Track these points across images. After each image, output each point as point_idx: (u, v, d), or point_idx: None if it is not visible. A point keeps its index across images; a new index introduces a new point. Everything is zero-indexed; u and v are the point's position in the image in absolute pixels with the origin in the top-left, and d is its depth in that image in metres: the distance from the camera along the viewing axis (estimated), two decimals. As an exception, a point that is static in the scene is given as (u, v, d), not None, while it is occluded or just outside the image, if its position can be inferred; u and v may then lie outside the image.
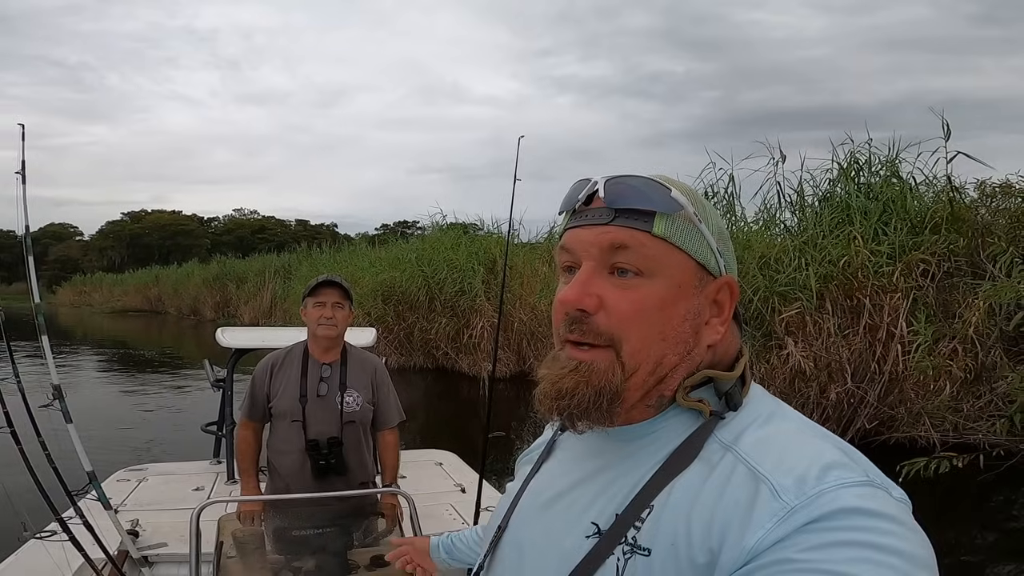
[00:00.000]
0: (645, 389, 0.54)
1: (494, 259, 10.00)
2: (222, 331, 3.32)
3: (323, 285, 2.07)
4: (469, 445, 6.56)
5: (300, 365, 2.08)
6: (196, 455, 3.62)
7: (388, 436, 2.20)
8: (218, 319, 21.02)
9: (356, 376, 2.12)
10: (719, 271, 0.54)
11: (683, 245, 0.53)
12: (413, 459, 3.27)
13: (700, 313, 0.54)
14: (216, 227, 60.90)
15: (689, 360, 0.54)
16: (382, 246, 14.41)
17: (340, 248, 17.80)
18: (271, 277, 19.09)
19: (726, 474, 0.48)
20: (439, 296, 9.81)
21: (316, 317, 2.05)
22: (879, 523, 0.43)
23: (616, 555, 0.50)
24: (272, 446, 2.10)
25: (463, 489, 2.89)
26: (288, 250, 22.51)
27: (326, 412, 2.05)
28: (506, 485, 0.69)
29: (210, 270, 25.08)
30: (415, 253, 10.86)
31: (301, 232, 52.51)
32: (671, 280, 0.52)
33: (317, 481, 2.01)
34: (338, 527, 1.92)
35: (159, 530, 2.28)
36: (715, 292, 0.54)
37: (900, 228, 5.45)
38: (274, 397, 2.08)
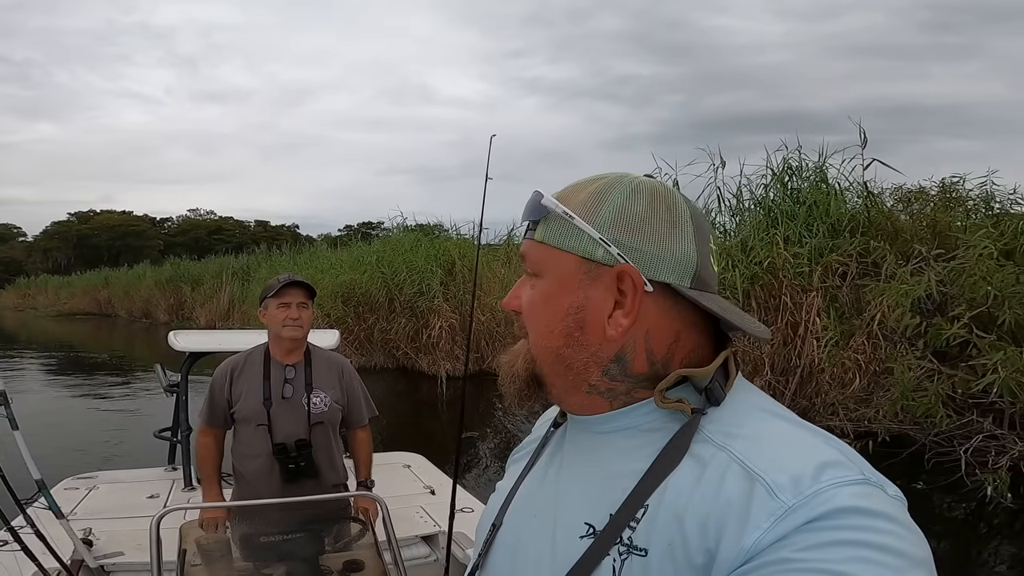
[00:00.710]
0: (563, 378, 0.56)
1: (453, 261, 10.15)
2: (175, 334, 3.20)
3: (288, 286, 2.03)
4: (432, 443, 6.79)
5: (262, 368, 2.04)
6: (149, 462, 3.54)
7: (360, 433, 2.19)
8: (172, 322, 20.47)
9: (322, 376, 2.08)
10: (613, 259, 0.53)
11: (558, 244, 0.54)
12: (380, 462, 3.30)
13: (586, 307, 0.54)
14: (169, 228, 58.96)
15: (591, 354, 0.54)
16: (344, 247, 14.44)
17: (301, 250, 17.68)
18: (228, 279, 18.76)
19: (720, 473, 0.48)
20: (398, 297, 9.87)
21: (281, 319, 2.01)
22: (877, 522, 0.43)
23: (612, 556, 0.50)
24: (237, 452, 2.06)
25: (433, 491, 2.88)
26: (247, 252, 22.14)
27: (292, 414, 2.01)
28: (496, 484, 0.69)
29: (163, 272, 24.35)
30: (375, 255, 10.87)
31: (261, 233, 51.37)
32: (553, 277, 0.55)
33: (287, 485, 1.97)
34: (309, 532, 1.87)
35: (114, 539, 2.22)
36: (615, 282, 0.53)
37: (821, 231, 5.97)
38: (236, 402, 2.03)
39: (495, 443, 6.77)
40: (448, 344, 9.49)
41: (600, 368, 0.54)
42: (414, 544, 2.34)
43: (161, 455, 3.46)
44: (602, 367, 0.54)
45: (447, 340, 9.45)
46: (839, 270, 5.63)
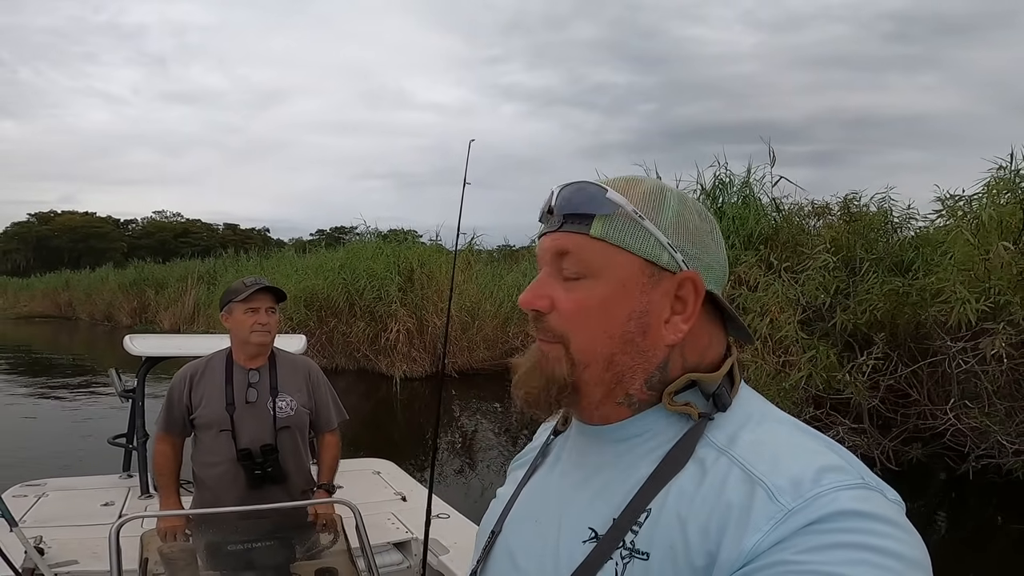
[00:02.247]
0: (606, 386, 0.55)
1: (412, 268, 10.68)
2: (131, 338, 3.08)
3: (259, 291, 1.98)
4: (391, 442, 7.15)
5: (224, 373, 1.98)
6: (103, 469, 3.43)
7: (329, 437, 2.11)
8: (135, 325, 20.25)
9: (288, 380, 2.02)
10: (676, 266, 0.53)
11: (623, 243, 0.53)
12: (350, 468, 3.18)
13: (649, 311, 0.53)
14: (134, 230, 57.63)
15: (645, 360, 0.54)
16: (312, 252, 14.75)
17: (269, 254, 17.85)
18: (194, 283, 18.80)
19: (721, 477, 0.48)
20: (359, 302, 10.21)
21: (250, 324, 1.95)
22: (875, 525, 0.43)
23: (614, 560, 0.50)
24: (198, 459, 1.99)
25: (404, 498, 2.83)
26: (214, 255, 22.12)
27: (257, 419, 1.95)
28: (497, 491, 0.69)
29: (126, 275, 24.07)
30: (339, 262, 11.21)
31: (230, 236, 50.65)
32: (613, 279, 0.53)
33: (252, 491, 1.90)
34: (278, 539, 1.82)
35: (67, 547, 2.12)
36: (675, 288, 0.53)
37: (737, 243, 6.65)
38: (196, 408, 1.96)
39: (460, 446, 6.99)
40: (405, 347, 9.95)
41: (646, 376, 0.54)
42: (386, 551, 2.31)
43: (116, 462, 3.35)
44: (647, 374, 0.54)
45: (404, 343, 9.91)
46: (748, 280, 6.32)
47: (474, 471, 6.03)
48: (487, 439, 7.22)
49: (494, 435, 7.46)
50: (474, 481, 5.77)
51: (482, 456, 6.56)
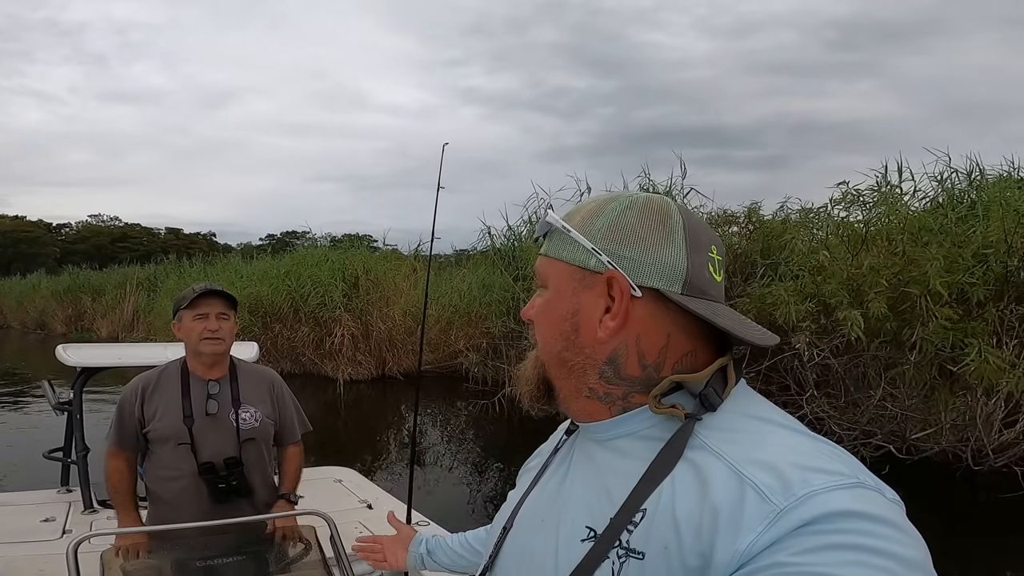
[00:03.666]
0: (564, 381, 0.60)
1: (357, 275, 10.91)
2: (64, 348, 2.89)
3: (204, 295, 1.85)
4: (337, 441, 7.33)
5: (180, 384, 1.86)
6: (36, 484, 3.24)
7: (292, 448, 2.04)
8: (70, 333, 19.48)
9: (251, 390, 1.92)
10: (603, 267, 0.56)
11: (557, 255, 0.59)
12: (311, 477, 3.10)
13: (580, 311, 0.57)
14: (67, 234, 54.76)
15: (587, 356, 0.57)
16: (259, 259, 14.70)
17: (213, 261, 17.60)
18: (133, 290, 18.29)
19: (711, 477, 0.48)
20: (303, 308, 10.37)
21: (199, 332, 1.82)
22: (871, 526, 0.43)
23: (611, 559, 0.50)
24: (153, 473, 1.87)
25: (369, 505, 2.77)
26: (155, 261, 21.51)
27: (219, 431, 1.84)
28: (508, 493, 0.71)
29: (60, 282, 23.07)
30: (284, 269, 11.28)
31: (172, 241, 48.76)
32: (554, 287, 0.60)
33: (217, 505, 1.81)
34: (249, 554, 1.74)
35: (11, 565, 2.04)
36: (606, 288, 0.56)
37: None
38: (150, 421, 1.84)
39: (408, 446, 7.32)
40: (350, 350, 10.23)
41: (596, 370, 0.57)
42: (356, 560, 2.35)
43: (51, 477, 3.21)
44: (597, 369, 0.57)
45: (349, 347, 10.18)
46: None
47: (423, 470, 6.16)
48: (433, 439, 7.43)
49: (439, 435, 7.66)
50: (418, 477, 5.84)
51: (430, 455, 6.70)
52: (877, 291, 4.31)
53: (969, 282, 4.42)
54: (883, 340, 4.60)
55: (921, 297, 4.31)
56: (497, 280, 8.18)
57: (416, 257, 13.02)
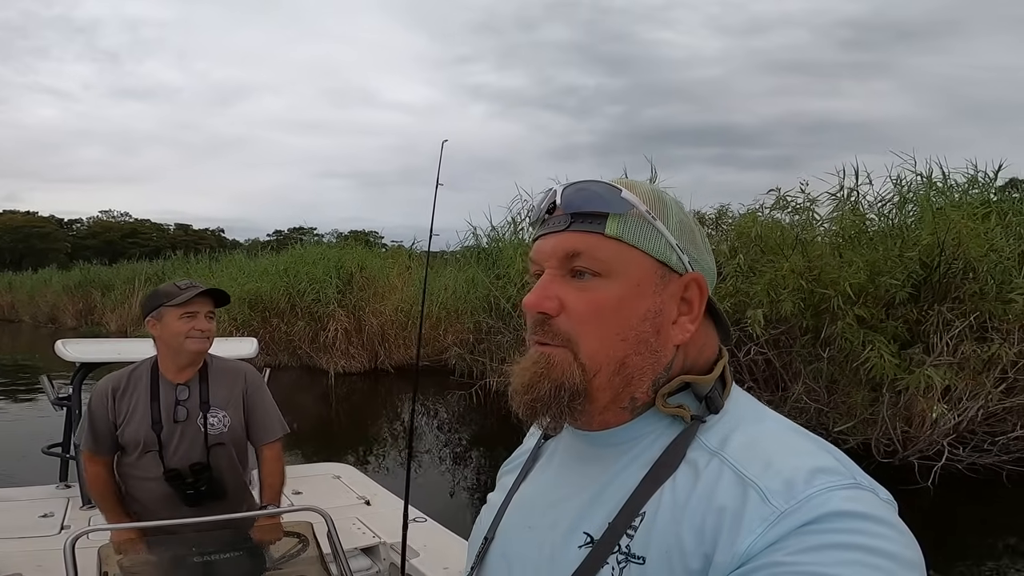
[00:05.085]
0: (614, 390, 0.53)
1: (351, 273, 11.32)
2: (63, 343, 2.89)
3: (200, 295, 1.80)
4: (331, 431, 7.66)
5: (149, 388, 1.80)
6: (36, 480, 3.21)
7: (268, 451, 1.91)
8: (80, 327, 20.02)
9: (220, 392, 1.85)
10: (684, 268, 0.53)
11: (638, 243, 0.52)
12: (309, 473, 3.09)
13: (662, 312, 0.53)
14: (78, 230, 55.64)
15: (655, 361, 0.53)
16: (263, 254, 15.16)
17: (219, 257, 18.08)
18: (142, 285, 18.77)
19: (713, 480, 0.47)
20: (299, 303, 10.84)
21: (185, 330, 1.77)
22: (868, 525, 0.43)
23: (610, 564, 0.49)
24: (123, 472, 1.84)
25: (368, 502, 2.75)
26: (163, 257, 22.06)
27: (187, 438, 1.80)
28: (488, 497, 0.67)
29: (71, 276, 23.68)
30: (283, 266, 11.78)
31: (181, 237, 49.45)
32: (629, 279, 0.52)
33: (190, 508, 1.78)
34: (246, 550, 1.73)
35: (9, 559, 2.03)
36: (682, 289, 0.53)
37: None
38: (120, 425, 1.79)
39: (402, 439, 7.25)
40: (343, 344, 10.73)
41: (653, 376, 0.53)
42: (355, 556, 2.24)
43: (51, 472, 3.19)
44: (655, 375, 0.53)
45: (342, 341, 10.67)
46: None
47: (419, 465, 6.29)
48: (423, 432, 7.65)
49: (429, 428, 7.89)
50: (421, 476, 5.93)
51: (421, 447, 6.87)
52: (790, 291, 4.73)
53: (891, 283, 4.84)
54: (811, 337, 5.01)
55: (835, 298, 4.68)
56: (480, 278, 8.63)
57: (411, 255, 13.53)
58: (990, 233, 5.55)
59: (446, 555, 2.21)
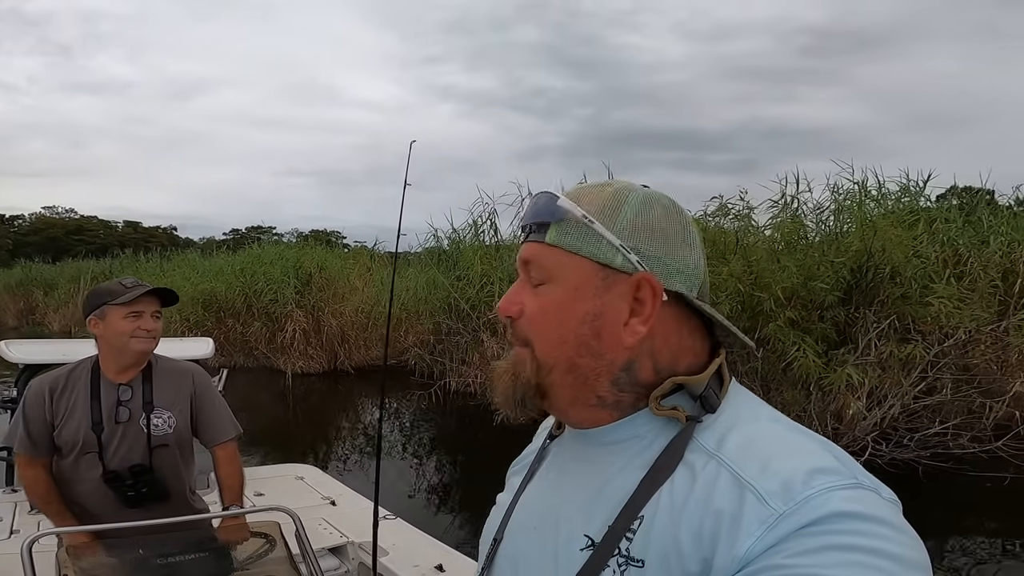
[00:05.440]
0: (571, 388, 0.54)
1: (310, 273, 11.19)
2: (6, 344, 2.84)
3: (147, 293, 1.74)
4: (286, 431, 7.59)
5: (89, 388, 1.74)
6: None
7: (220, 453, 1.86)
8: (22, 327, 19.17)
9: (165, 392, 1.80)
10: (633, 268, 0.52)
11: (574, 248, 0.53)
12: (271, 475, 3.05)
13: (603, 314, 0.53)
14: (20, 226, 52.94)
15: (603, 363, 0.53)
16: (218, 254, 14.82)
17: (170, 256, 17.59)
18: (87, 284, 18.14)
19: (710, 481, 0.47)
20: (256, 303, 10.67)
21: (130, 329, 1.71)
22: (869, 526, 0.42)
23: (611, 567, 0.49)
24: (61, 477, 1.78)
25: (333, 502, 2.73)
26: (111, 255, 21.30)
27: (128, 439, 1.74)
28: (497, 497, 0.68)
29: (12, 275, 22.64)
30: (239, 265, 11.56)
31: (130, 235, 47.48)
32: (567, 284, 0.53)
33: (131, 509, 1.73)
34: (212, 550, 1.68)
35: None
36: (633, 290, 0.52)
37: None
38: (57, 426, 1.73)
39: (361, 438, 7.33)
40: (302, 345, 10.61)
41: (611, 378, 0.54)
42: (323, 556, 2.23)
43: None
44: (612, 376, 0.53)
45: (301, 341, 10.56)
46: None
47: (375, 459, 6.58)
48: (387, 432, 7.58)
49: (390, 428, 7.85)
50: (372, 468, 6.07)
51: (385, 447, 6.86)
52: (728, 294, 5.01)
53: (822, 288, 5.17)
54: (749, 337, 5.29)
55: (767, 300, 4.99)
56: (440, 280, 8.70)
57: (372, 256, 13.47)
58: (916, 240, 5.98)
59: (415, 553, 2.22)
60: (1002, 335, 5.71)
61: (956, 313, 5.07)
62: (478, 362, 7.87)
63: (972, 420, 5.32)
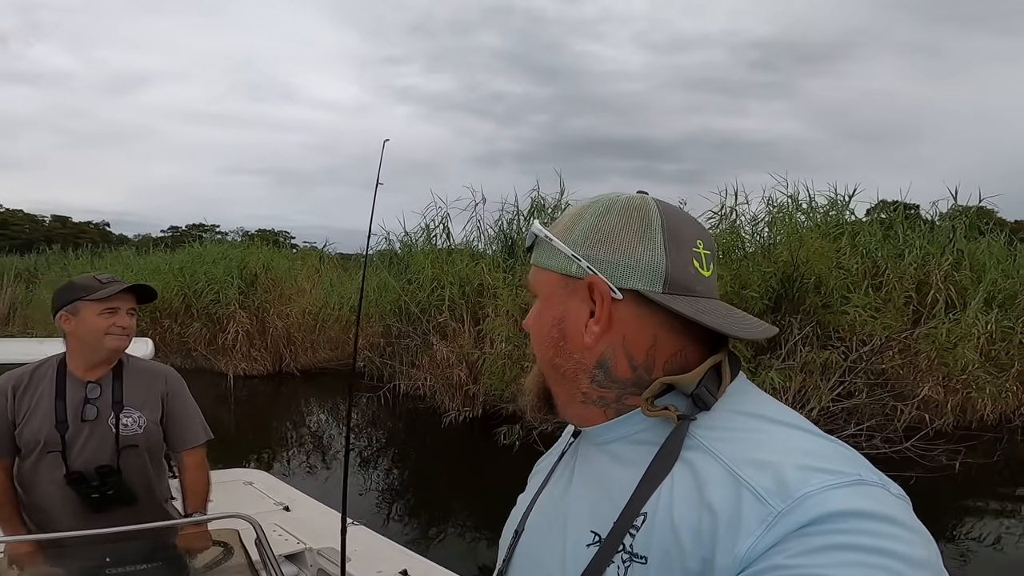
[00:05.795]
0: (563, 388, 0.60)
1: (255, 274, 10.89)
2: None
3: (123, 291, 1.71)
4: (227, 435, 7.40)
5: (55, 385, 1.69)
6: None
7: (188, 458, 1.81)
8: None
9: (136, 392, 1.74)
10: (583, 272, 0.55)
11: (542, 263, 0.59)
12: (219, 480, 3.08)
13: (566, 317, 0.57)
14: (-67, 217, 48.93)
15: (575, 361, 0.57)
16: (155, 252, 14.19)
17: (102, 253, 16.72)
18: (11, 281, 16.98)
19: (708, 479, 0.48)
20: (196, 304, 10.30)
21: (105, 326, 1.66)
22: (873, 524, 0.42)
23: (616, 563, 0.50)
24: (22, 479, 1.71)
25: (287, 507, 2.66)
26: (36, 251, 20.05)
27: (95, 439, 1.68)
28: (518, 497, 0.70)
29: (-78, 269, 20.98)
30: (178, 264, 11.13)
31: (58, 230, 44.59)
32: (543, 295, 0.60)
33: (95, 514, 1.66)
34: (165, 560, 1.62)
35: None
36: (588, 293, 0.56)
37: (525, 258, 7.96)
38: (19, 424, 1.67)
39: (309, 441, 7.27)
40: (245, 346, 10.32)
41: (587, 375, 0.57)
42: (284, 563, 2.19)
43: None
44: (588, 373, 0.57)
45: (244, 343, 10.27)
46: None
47: (325, 463, 6.31)
48: (336, 436, 7.60)
49: (342, 432, 7.86)
50: (321, 472, 5.96)
51: (335, 450, 6.83)
52: None
53: (753, 296, 5.49)
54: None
55: None
56: (390, 283, 8.66)
57: (321, 258, 13.23)
58: (839, 252, 6.42)
59: (378, 558, 2.16)
60: (914, 342, 6.19)
61: (870, 322, 5.47)
62: (428, 365, 7.86)
63: (885, 422, 5.72)
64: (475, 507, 5.35)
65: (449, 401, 7.47)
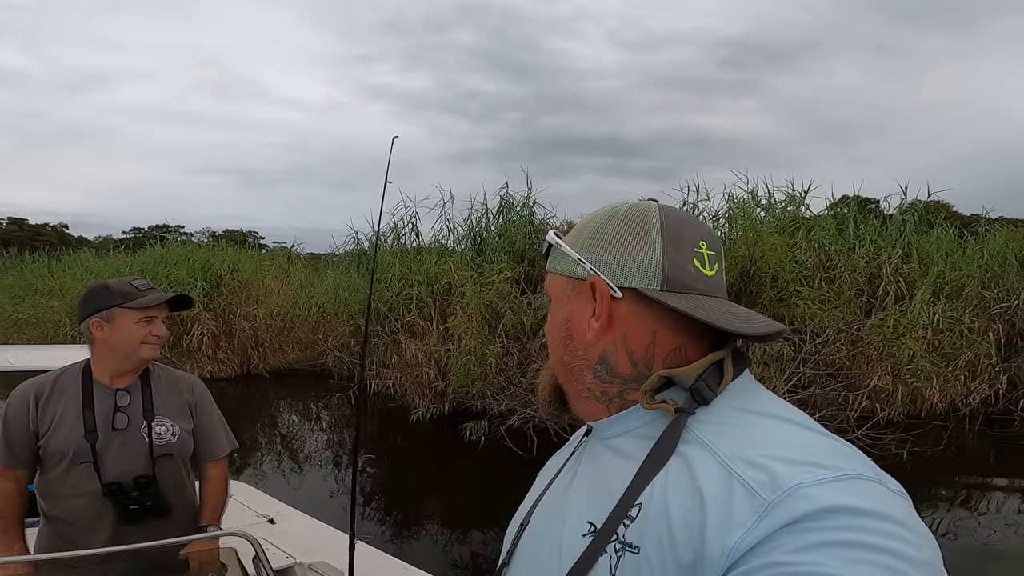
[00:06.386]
0: (571, 384, 0.63)
1: (220, 276, 10.67)
2: None
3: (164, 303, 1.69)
4: None
5: (81, 393, 1.65)
6: None
7: (213, 469, 1.78)
8: None
9: (167, 400, 1.72)
10: (587, 274, 0.59)
11: (554, 269, 0.64)
12: None
13: (572, 317, 0.61)
14: None
15: (580, 358, 0.61)
16: (115, 254, 13.82)
17: (60, 256, 16.22)
18: (-38, 284, 16.40)
19: (701, 471, 0.48)
20: (159, 307, 10.35)
21: (142, 335, 1.65)
22: (868, 521, 0.42)
23: (608, 553, 0.51)
24: (48, 492, 1.65)
25: (271, 520, 2.59)
26: (-12, 253, 19.24)
27: (129, 448, 1.64)
28: (532, 487, 0.73)
29: None
30: (139, 267, 10.84)
31: (14, 232, 43.00)
32: (554, 298, 0.64)
33: (129, 526, 1.63)
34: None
35: None
36: (591, 293, 0.59)
37: (498, 258, 7.66)
38: (44, 435, 1.62)
39: (280, 445, 7.18)
40: (211, 349, 10.16)
41: (590, 371, 0.60)
42: None
43: None
44: (591, 369, 0.60)
45: (209, 345, 10.13)
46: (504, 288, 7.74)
47: (299, 466, 6.28)
48: (307, 436, 7.61)
49: (313, 432, 7.85)
50: (298, 478, 5.90)
51: (307, 449, 6.83)
52: None
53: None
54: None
55: None
56: (359, 283, 8.64)
57: (290, 258, 13.07)
58: (795, 247, 6.64)
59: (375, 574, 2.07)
60: (864, 333, 6.44)
61: (819, 314, 5.69)
62: (397, 364, 7.87)
63: (837, 412, 5.93)
64: (446, 503, 5.41)
65: (419, 399, 7.50)
